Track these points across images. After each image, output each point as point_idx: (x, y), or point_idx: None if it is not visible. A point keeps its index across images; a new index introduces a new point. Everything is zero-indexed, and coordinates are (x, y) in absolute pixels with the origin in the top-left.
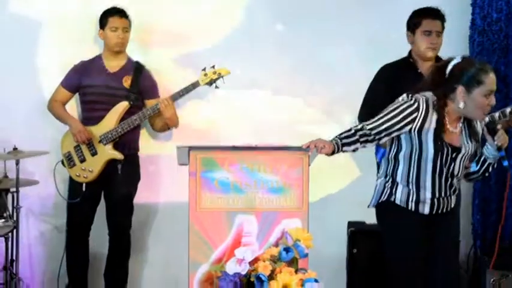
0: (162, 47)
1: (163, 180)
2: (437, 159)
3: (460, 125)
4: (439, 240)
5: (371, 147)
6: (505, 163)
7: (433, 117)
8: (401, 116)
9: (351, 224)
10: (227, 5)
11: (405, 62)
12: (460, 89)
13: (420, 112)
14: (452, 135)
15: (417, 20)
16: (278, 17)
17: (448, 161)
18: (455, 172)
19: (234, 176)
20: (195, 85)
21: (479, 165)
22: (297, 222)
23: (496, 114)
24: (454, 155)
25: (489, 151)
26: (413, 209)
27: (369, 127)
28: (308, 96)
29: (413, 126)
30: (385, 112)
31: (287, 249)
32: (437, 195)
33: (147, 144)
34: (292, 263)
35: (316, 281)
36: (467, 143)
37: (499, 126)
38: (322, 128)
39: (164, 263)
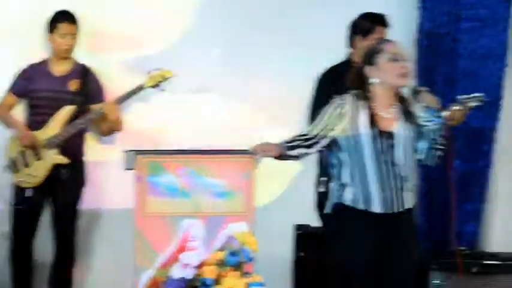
0: (111, 50)
1: (109, 185)
2: (374, 147)
3: (394, 109)
4: (393, 243)
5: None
6: (437, 120)
7: (362, 107)
8: (330, 114)
9: (297, 227)
10: (176, 8)
11: (346, 65)
12: (367, 68)
13: (348, 105)
14: (387, 121)
15: (370, 26)
16: (228, 22)
17: (386, 148)
18: (398, 160)
19: (181, 181)
20: (140, 88)
21: (423, 153)
22: (243, 226)
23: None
24: (391, 141)
25: (430, 126)
26: (363, 208)
27: (307, 130)
28: (257, 100)
29: (346, 121)
30: (320, 114)
31: (233, 254)
32: (385, 188)
33: (93, 149)
34: (238, 267)
35: (261, 284)
36: (404, 127)
37: (422, 88)
38: (270, 132)
39: (110, 269)
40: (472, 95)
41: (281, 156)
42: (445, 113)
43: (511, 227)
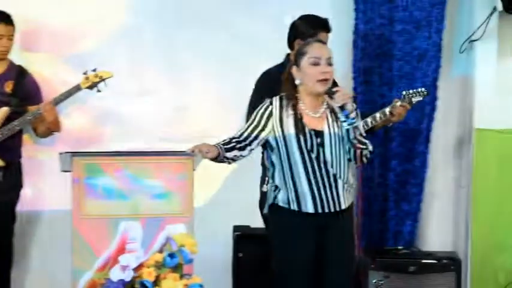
0: (47, 50)
1: (46, 187)
2: (301, 146)
3: (323, 109)
4: (329, 242)
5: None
6: (349, 121)
7: (289, 107)
8: (259, 115)
9: (236, 228)
10: (113, 6)
11: (285, 67)
12: (294, 68)
13: (274, 106)
14: (315, 120)
15: (313, 30)
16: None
17: (315, 147)
18: (328, 159)
19: (119, 182)
20: (76, 88)
21: (350, 153)
22: (182, 228)
23: (377, 115)
24: (319, 140)
25: (345, 127)
26: (296, 208)
27: (239, 133)
28: (196, 101)
29: (274, 122)
30: (251, 116)
31: (171, 255)
32: (315, 186)
33: (30, 150)
34: (177, 268)
35: (201, 286)
36: (332, 126)
37: (336, 88)
38: (211, 133)
39: (48, 271)
40: (415, 90)
41: (217, 158)
42: (388, 109)
43: (447, 226)
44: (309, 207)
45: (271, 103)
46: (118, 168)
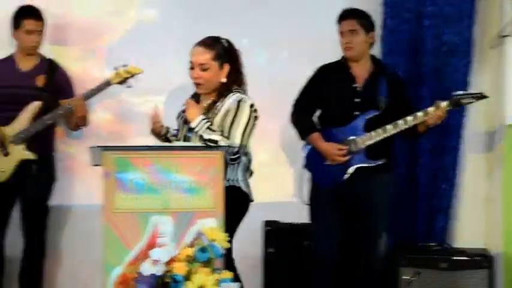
0: (77, 45)
1: (78, 181)
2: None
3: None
4: None
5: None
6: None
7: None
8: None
9: (266, 223)
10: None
11: (338, 64)
12: None
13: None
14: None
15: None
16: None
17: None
18: None
19: (149, 177)
20: (106, 84)
21: None
22: (212, 222)
23: (419, 114)
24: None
25: None
26: None
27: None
28: None
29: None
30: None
31: (202, 250)
32: None
33: (61, 144)
34: (208, 263)
35: (232, 280)
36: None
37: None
38: None
39: (79, 265)
40: (468, 92)
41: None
42: (430, 109)
43: (479, 222)
44: None
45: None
46: (148, 162)
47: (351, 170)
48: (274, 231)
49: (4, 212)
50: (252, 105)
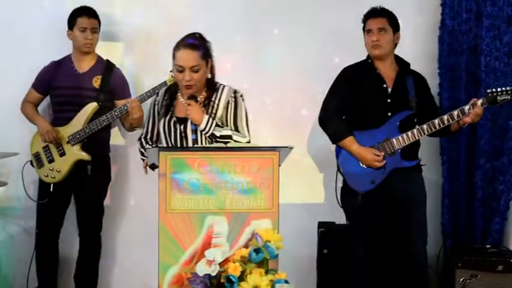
0: (132, 47)
1: (133, 181)
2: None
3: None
4: None
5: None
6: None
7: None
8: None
9: (321, 224)
10: (199, 7)
11: (364, 64)
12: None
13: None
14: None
15: (363, 23)
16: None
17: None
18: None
19: (204, 177)
20: (162, 86)
21: None
22: (267, 223)
23: (455, 113)
24: (182, 127)
25: None
26: None
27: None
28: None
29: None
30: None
31: (257, 250)
32: None
33: (118, 144)
34: (263, 264)
35: (286, 282)
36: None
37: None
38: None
39: (134, 265)
40: (503, 88)
41: None
42: (466, 107)
43: None
44: None
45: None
46: (203, 163)
47: (387, 172)
48: (329, 232)
49: (59, 212)
50: (241, 95)
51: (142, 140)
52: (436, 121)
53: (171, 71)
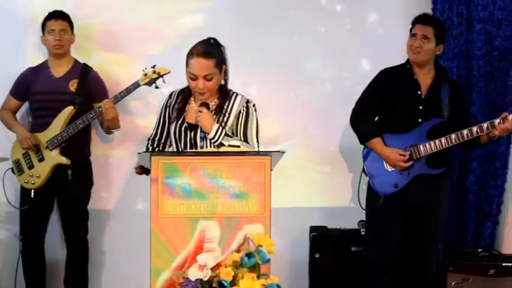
0: (110, 50)
1: (117, 185)
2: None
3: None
4: None
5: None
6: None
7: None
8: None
9: (313, 229)
10: (182, 9)
11: (402, 68)
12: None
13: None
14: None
15: (412, 25)
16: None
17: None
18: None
19: (196, 182)
20: (134, 86)
21: None
22: (259, 228)
23: (484, 125)
24: (192, 134)
25: None
26: None
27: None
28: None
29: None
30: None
31: (249, 255)
32: None
33: (98, 148)
34: (255, 268)
35: (278, 286)
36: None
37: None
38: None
39: (124, 269)
40: None
41: None
42: (496, 121)
43: None
44: None
45: (170, 94)
46: (195, 168)
47: (411, 177)
48: (321, 237)
49: (42, 218)
50: (254, 105)
51: (150, 141)
52: (465, 132)
53: (143, 70)
